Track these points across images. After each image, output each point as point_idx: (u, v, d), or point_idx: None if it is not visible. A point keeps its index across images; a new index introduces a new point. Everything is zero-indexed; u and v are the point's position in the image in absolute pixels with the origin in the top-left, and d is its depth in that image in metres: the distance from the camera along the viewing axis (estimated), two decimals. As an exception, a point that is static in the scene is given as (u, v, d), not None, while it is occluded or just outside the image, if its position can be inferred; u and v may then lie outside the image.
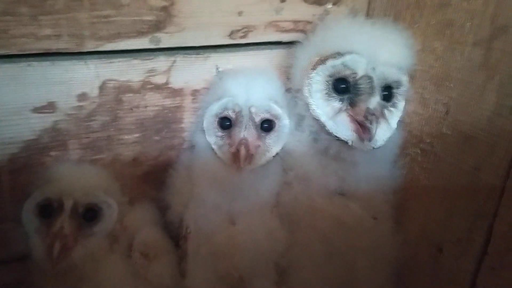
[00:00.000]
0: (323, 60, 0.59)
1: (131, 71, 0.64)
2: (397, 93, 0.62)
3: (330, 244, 0.62)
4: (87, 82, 0.62)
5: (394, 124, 0.62)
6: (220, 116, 0.62)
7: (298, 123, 0.64)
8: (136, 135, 0.68)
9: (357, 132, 0.59)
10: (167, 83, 0.66)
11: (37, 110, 0.61)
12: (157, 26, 0.62)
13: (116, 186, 0.63)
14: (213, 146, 0.63)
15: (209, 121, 0.63)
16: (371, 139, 0.57)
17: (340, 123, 0.60)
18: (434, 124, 0.62)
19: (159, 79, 0.66)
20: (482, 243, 0.57)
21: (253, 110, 0.61)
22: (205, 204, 0.63)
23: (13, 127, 0.61)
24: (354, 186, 0.63)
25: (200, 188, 0.64)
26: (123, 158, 0.68)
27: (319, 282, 0.63)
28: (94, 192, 0.59)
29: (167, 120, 0.69)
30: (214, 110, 0.62)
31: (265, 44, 0.69)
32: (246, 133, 0.60)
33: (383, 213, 0.65)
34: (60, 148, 0.64)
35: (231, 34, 0.66)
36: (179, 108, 0.68)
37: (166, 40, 0.63)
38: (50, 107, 0.61)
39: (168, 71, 0.66)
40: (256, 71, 0.65)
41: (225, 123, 0.62)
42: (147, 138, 0.69)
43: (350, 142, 0.59)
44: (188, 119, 0.70)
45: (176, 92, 0.67)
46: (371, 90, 0.58)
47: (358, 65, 0.58)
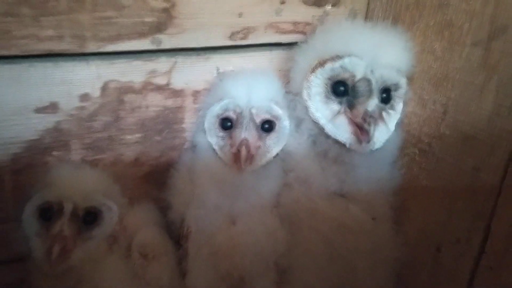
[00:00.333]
0: (322, 63, 0.59)
1: (132, 72, 0.64)
2: (395, 95, 0.62)
3: (330, 245, 0.62)
4: (89, 83, 0.62)
5: (392, 127, 0.62)
6: (221, 117, 0.63)
7: (297, 125, 0.65)
8: (138, 135, 0.68)
9: (355, 134, 0.59)
10: (168, 84, 0.67)
11: (39, 111, 0.61)
12: (158, 28, 0.62)
13: (116, 188, 0.63)
14: (214, 147, 0.63)
15: (210, 121, 0.63)
16: (369, 141, 0.58)
17: (339, 126, 0.60)
18: (433, 124, 0.62)
19: (160, 80, 0.66)
20: (480, 243, 0.58)
21: (253, 111, 0.61)
22: (206, 204, 0.63)
23: (15, 127, 0.61)
24: (354, 188, 0.63)
25: (201, 188, 0.64)
26: (125, 158, 0.69)
27: (320, 283, 0.63)
28: (94, 195, 0.59)
29: (168, 121, 0.69)
30: (215, 111, 0.62)
31: (265, 46, 0.69)
32: (247, 134, 0.60)
33: (382, 214, 0.65)
34: (62, 148, 0.64)
35: (232, 35, 0.67)
36: (180, 108, 0.69)
37: (167, 41, 0.63)
38: (52, 108, 0.62)
39: (169, 72, 0.66)
40: (256, 72, 0.65)
41: (226, 124, 0.62)
42: (148, 139, 0.69)
43: (348, 145, 0.60)
44: (189, 119, 0.70)
45: (177, 93, 0.68)
46: (370, 92, 0.58)
47: (357, 67, 0.58)
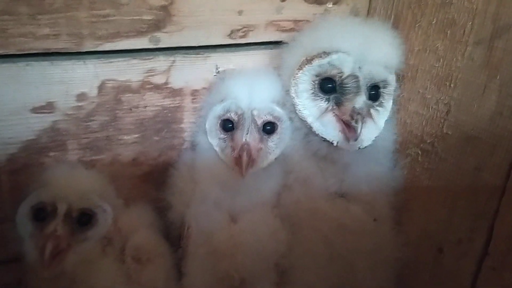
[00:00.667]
0: (310, 60, 0.59)
1: (130, 71, 0.63)
2: (384, 92, 0.61)
3: (331, 246, 0.61)
4: (86, 82, 0.62)
5: (381, 124, 0.62)
6: (222, 118, 0.62)
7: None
8: (136, 135, 0.67)
9: (343, 132, 0.58)
10: (166, 83, 0.66)
11: (36, 110, 0.61)
12: (156, 26, 0.61)
13: (111, 189, 0.63)
14: (215, 148, 0.63)
15: (211, 122, 0.63)
16: (356, 138, 0.57)
17: (326, 124, 0.60)
18: (435, 124, 0.62)
19: (158, 79, 0.65)
20: (483, 244, 0.57)
21: (255, 113, 0.61)
22: (206, 201, 0.63)
23: (12, 127, 0.60)
24: (354, 188, 0.63)
25: (202, 185, 0.64)
26: (123, 158, 0.68)
27: (320, 283, 0.63)
28: (88, 196, 0.58)
29: (167, 120, 0.68)
30: (217, 112, 0.62)
31: (265, 44, 0.69)
32: (248, 136, 0.60)
33: (383, 214, 0.64)
34: (59, 148, 0.64)
35: (231, 33, 0.66)
36: (178, 108, 0.68)
37: (166, 39, 0.63)
38: (49, 107, 0.61)
39: (167, 71, 0.65)
40: (258, 72, 0.65)
41: (227, 125, 0.62)
42: (146, 138, 0.68)
43: (336, 143, 0.59)
44: (188, 119, 0.69)
45: (176, 92, 0.67)
46: (357, 89, 0.58)
47: (345, 64, 0.58)
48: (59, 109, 0.62)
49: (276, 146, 0.63)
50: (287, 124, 0.63)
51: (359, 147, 0.60)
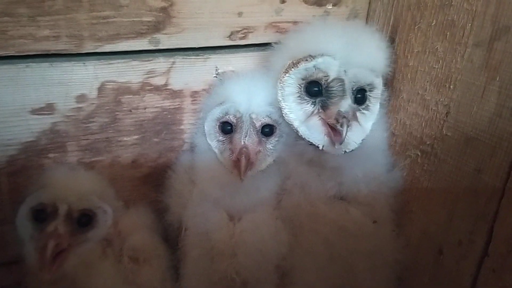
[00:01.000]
0: (296, 63, 0.59)
1: (130, 73, 0.63)
2: (370, 96, 0.61)
3: (331, 248, 0.61)
4: (85, 84, 0.62)
5: (367, 127, 0.61)
6: (221, 120, 0.62)
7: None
8: (135, 137, 0.67)
9: (328, 135, 0.58)
10: (166, 85, 0.66)
11: (35, 112, 0.61)
12: (156, 27, 0.61)
13: (111, 190, 0.63)
14: (214, 150, 0.63)
15: (210, 125, 0.63)
16: (341, 142, 0.57)
17: (312, 127, 0.60)
18: (435, 125, 0.62)
19: (158, 81, 0.65)
20: (483, 245, 0.57)
21: (254, 116, 0.61)
22: (205, 203, 0.63)
23: (11, 128, 0.60)
24: (353, 190, 0.62)
25: (201, 186, 0.64)
26: (122, 160, 0.68)
27: (321, 285, 0.63)
28: (88, 197, 0.58)
29: (167, 122, 0.68)
30: (216, 114, 0.62)
31: (265, 45, 0.69)
32: (247, 139, 0.60)
33: (383, 216, 0.64)
34: (59, 150, 0.64)
35: (231, 35, 0.66)
36: (178, 109, 0.68)
37: (166, 41, 0.63)
38: (49, 109, 0.61)
39: (167, 72, 0.65)
40: (257, 75, 0.65)
41: (226, 128, 0.62)
42: (146, 140, 0.68)
43: (322, 147, 0.59)
44: (187, 120, 0.69)
45: (176, 94, 0.67)
46: (343, 93, 0.58)
47: (330, 67, 0.58)
48: (59, 110, 0.62)
49: (274, 148, 0.63)
50: (285, 126, 0.63)
51: (345, 151, 0.59)
